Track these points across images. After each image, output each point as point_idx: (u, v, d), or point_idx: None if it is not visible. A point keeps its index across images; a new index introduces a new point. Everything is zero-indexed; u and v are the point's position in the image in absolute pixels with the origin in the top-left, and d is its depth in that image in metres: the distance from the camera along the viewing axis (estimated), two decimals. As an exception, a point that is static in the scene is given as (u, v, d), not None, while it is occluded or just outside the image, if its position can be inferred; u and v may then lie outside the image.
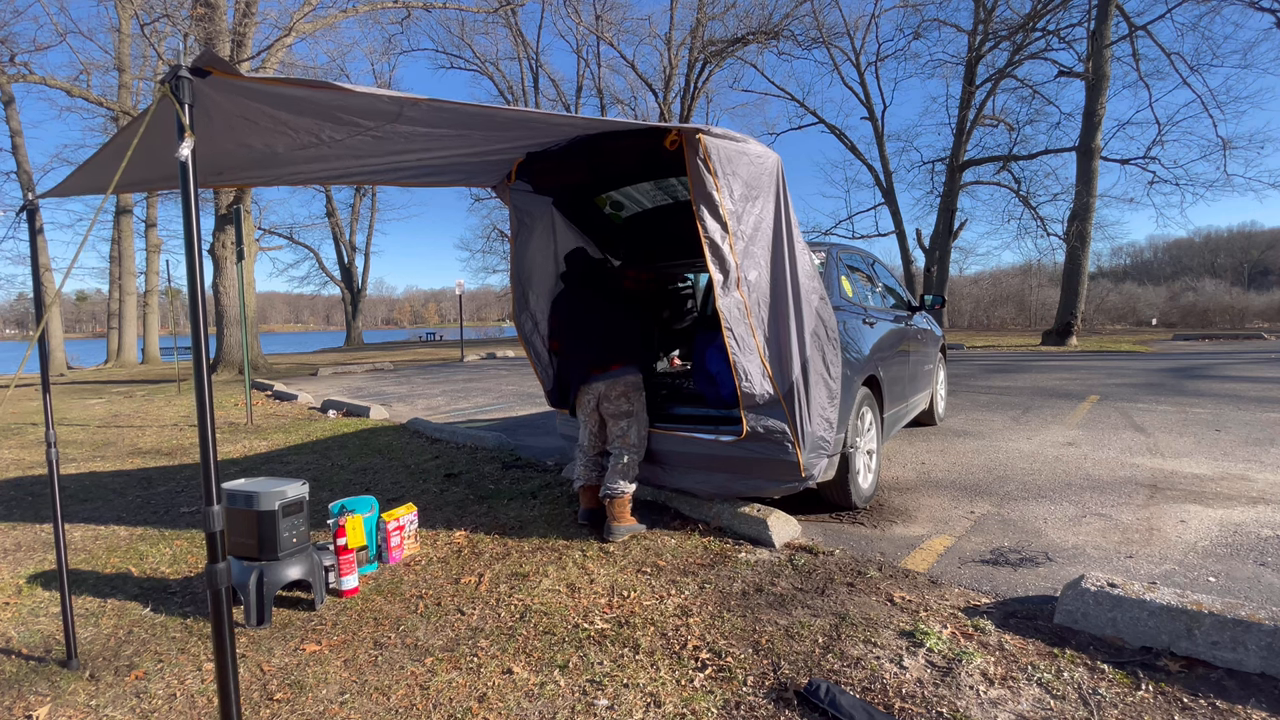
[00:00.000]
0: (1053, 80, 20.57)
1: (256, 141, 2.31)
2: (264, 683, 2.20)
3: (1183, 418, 6.35)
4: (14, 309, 60.64)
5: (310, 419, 8.03)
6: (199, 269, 1.34)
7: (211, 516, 1.36)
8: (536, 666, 2.24)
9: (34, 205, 2.34)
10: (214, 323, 14.67)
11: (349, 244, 37.07)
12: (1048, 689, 2.02)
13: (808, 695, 1.99)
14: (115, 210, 22.54)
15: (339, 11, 15.40)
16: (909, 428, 6.20)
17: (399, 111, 2.10)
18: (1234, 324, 31.13)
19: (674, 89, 25.94)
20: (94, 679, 2.28)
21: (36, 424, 8.34)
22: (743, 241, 2.94)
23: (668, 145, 2.92)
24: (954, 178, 22.38)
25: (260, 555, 2.65)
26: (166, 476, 5.26)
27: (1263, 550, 3.06)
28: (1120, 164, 20.51)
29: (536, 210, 3.87)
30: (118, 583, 3.12)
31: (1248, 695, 1.95)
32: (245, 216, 9.55)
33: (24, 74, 16.56)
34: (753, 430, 3.10)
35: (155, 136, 1.70)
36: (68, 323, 41.50)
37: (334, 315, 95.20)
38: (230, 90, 1.61)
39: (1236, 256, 52.84)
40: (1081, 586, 2.39)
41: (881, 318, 4.54)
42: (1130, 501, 3.85)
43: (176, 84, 1.29)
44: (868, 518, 3.73)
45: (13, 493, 4.90)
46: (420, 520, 3.70)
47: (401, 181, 3.37)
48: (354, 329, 37.11)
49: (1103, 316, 35.35)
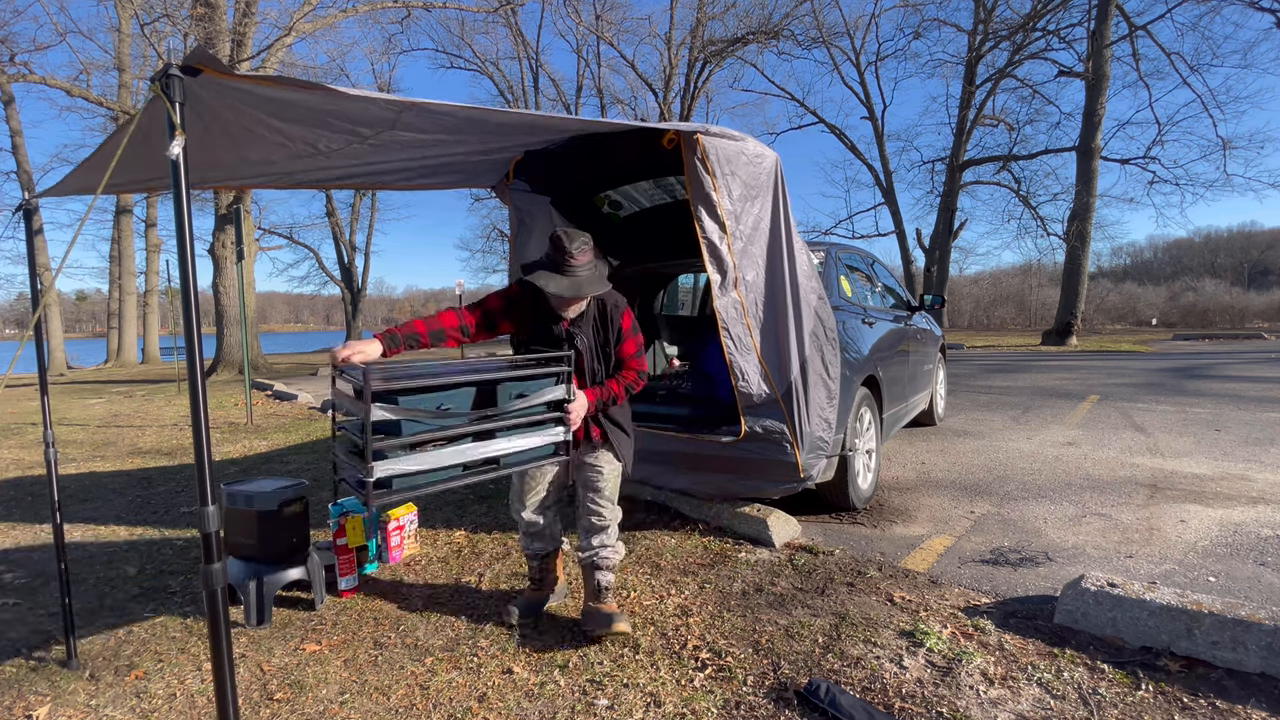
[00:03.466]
0: (1053, 80, 20.60)
1: (254, 154, 2.31)
2: (264, 682, 2.20)
3: (1183, 417, 6.35)
4: (14, 309, 60.67)
5: (310, 419, 8.03)
6: (191, 266, 1.34)
7: (206, 517, 1.35)
8: (536, 666, 2.24)
9: (32, 205, 2.34)
10: (214, 323, 14.66)
11: (349, 244, 37.05)
12: (1048, 689, 2.02)
13: (808, 695, 1.99)
14: (115, 210, 22.54)
15: (339, 11, 15.41)
16: (909, 428, 6.19)
17: (395, 117, 2.10)
18: (1234, 324, 31.14)
19: (674, 89, 25.93)
20: (94, 679, 2.28)
21: (36, 424, 8.34)
22: (741, 242, 2.93)
23: (665, 145, 2.92)
24: (954, 177, 22.37)
25: (260, 555, 2.64)
26: (166, 476, 5.26)
27: (1263, 550, 3.06)
28: (1120, 164, 20.53)
29: (536, 210, 3.87)
30: (118, 582, 3.11)
31: (1248, 695, 1.95)
32: (245, 216, 9.55)
33: (24, 74, 16.58)
34: (751, 431, 3.10)
35: (151, 136, 1.70)
36: (68, 322, 41.51)
37: (334, 315, 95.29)
38: (224, 93, 1.60)
39: (1236, 256, 52.81)
40: (1081, 586, 2.38)
41: (881, 318, 4.53)
42: (1130, 501, 3.85)
43: (167, 82, 1.29)
44: (868, 518, 3.73)
45: (13, 493, 4.90)
46: (420, 520, 3.69)
47: (400, 185, 3.37)
48: (354, 329, 37.08)
49: (1103, 316, 35.37)
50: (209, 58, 1.34)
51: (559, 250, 2.27)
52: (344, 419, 2.11)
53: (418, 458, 1.91)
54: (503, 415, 2.08)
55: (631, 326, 2.47)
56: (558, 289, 2.22)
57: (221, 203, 14.36)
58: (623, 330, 2.43)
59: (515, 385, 2.12)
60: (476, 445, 2.05)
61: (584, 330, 2.40)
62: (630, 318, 2.47)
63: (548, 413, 2.20)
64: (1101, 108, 18.09)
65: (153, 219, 24.20)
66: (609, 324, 2.42)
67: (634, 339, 2.47)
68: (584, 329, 2.40)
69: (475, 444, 2.05)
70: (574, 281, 2.25)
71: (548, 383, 2.20)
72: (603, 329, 2.42)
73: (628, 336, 2.45)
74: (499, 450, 2.08)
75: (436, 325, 2.33)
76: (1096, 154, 18.31)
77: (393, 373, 1.96)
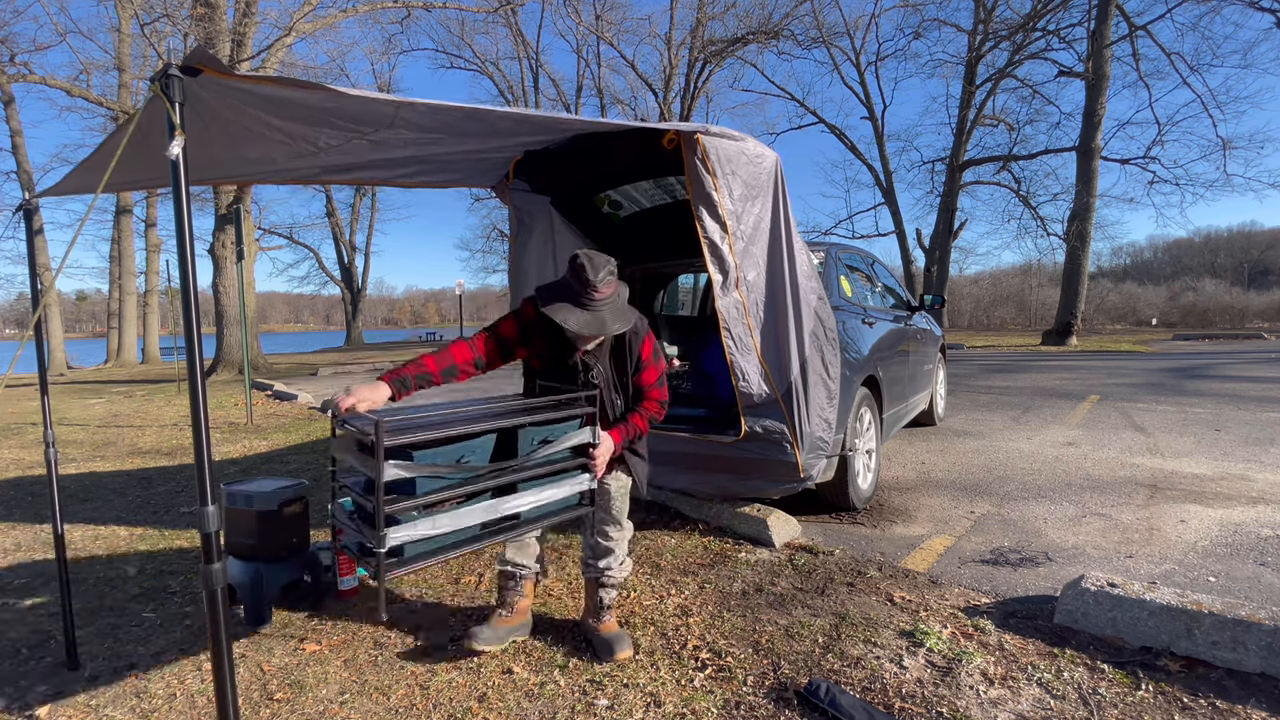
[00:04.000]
0: (1053, 80, 20.61)
1: (254, 152, 2.31)
2: (264, 683, 2.20)
3: (1183, 417, 6.35)
4: (14, 309, 60.69)
5: (310, 419, 8.03)
6: (191, 266, 1.34)
7: (206, 517, 1.35)
8: (536, 666, 2.24)
9: (32, 205, 2.34)
10: (214, 322, 14.67)
11: (349, 244, 37.10)
12: (1048, 689, 2.02)
13: (808, 695, 1.99)
14: (115, 210, 22.54)
15: (339, 11, 15.40)
16: (909, 428, 6.19)
17: (394, 115, 2.10)
18: (1234, 324, 31.14)
19: (674, 89, 25.94)
20: (94, 679, 2.28)
21: (36, 424, 8.34)
22: (742, 241, 2.93)
23: (665, 145, 2.91)
24: (954, 177, 22.38)
25: (260, 555, 2.64)
26: (166, 476, 5.26)
27: (1263, 550, 3.06)
28: (1120, 164, 20.54)
29: (535, 210, 3.87)
30: (118, 583, 3.11)
31: (1248, 695, 1.95)
32: (245, 216, 9.55)
33: (24, 74, 16.58)
34: (751, 431, 3.10)
35: (151, 135, 1.70)
36: (68, 322, 41.50)
37: (334, 315, 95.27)
38: (224, 92, 1.60)
39: (1236, 256, 52.81)
40: (1081, 586, 2.38)
41: (881, 318, 4.53)
42: (1130, 501, 3.85)
43: (167, 82, 1.29)
44: (868, 518, 3.73)
45: (13, 493, 4.90)
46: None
47: (400, 181, 3.37)
48: (354, 329, 37.15)
49: (1103, 316, 35.37)
50: (209, 58, 1.34)
51: (581, 281, 2.04)
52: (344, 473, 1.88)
53: (434, 520, 1.72)
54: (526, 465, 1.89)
55: (653, 353, 2.29)
56: (577, 326, 2.02)
57: (221, 203, 14.36)
58: (642, 359, 2.26)
59: (538, 430, 1.92)
60: (498, 501, 1.84)
61: (601, 359, 2.23)
62: (651, 344, 2.29)
63: (572, 459, 2.02)
64: (1101, 108, 18.10)
65: (153, 219, 24.20)
66: (628, 352, 2.25)
67: (655, 367, 2.29)
68: (601, 358, 2.23)
69: (497, 500, 1.84)
70: (596, 318, 2.03)
71: (572, 426, 2.01)
72: (621, 358, 2.26)
73: (648, 365, 2.28)
74: (522, 506, 1.89)
75: (448, 361, 2.11)
76: (1096, 154, 18.31)
77: (405, 423, 1.74)
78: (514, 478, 1.87)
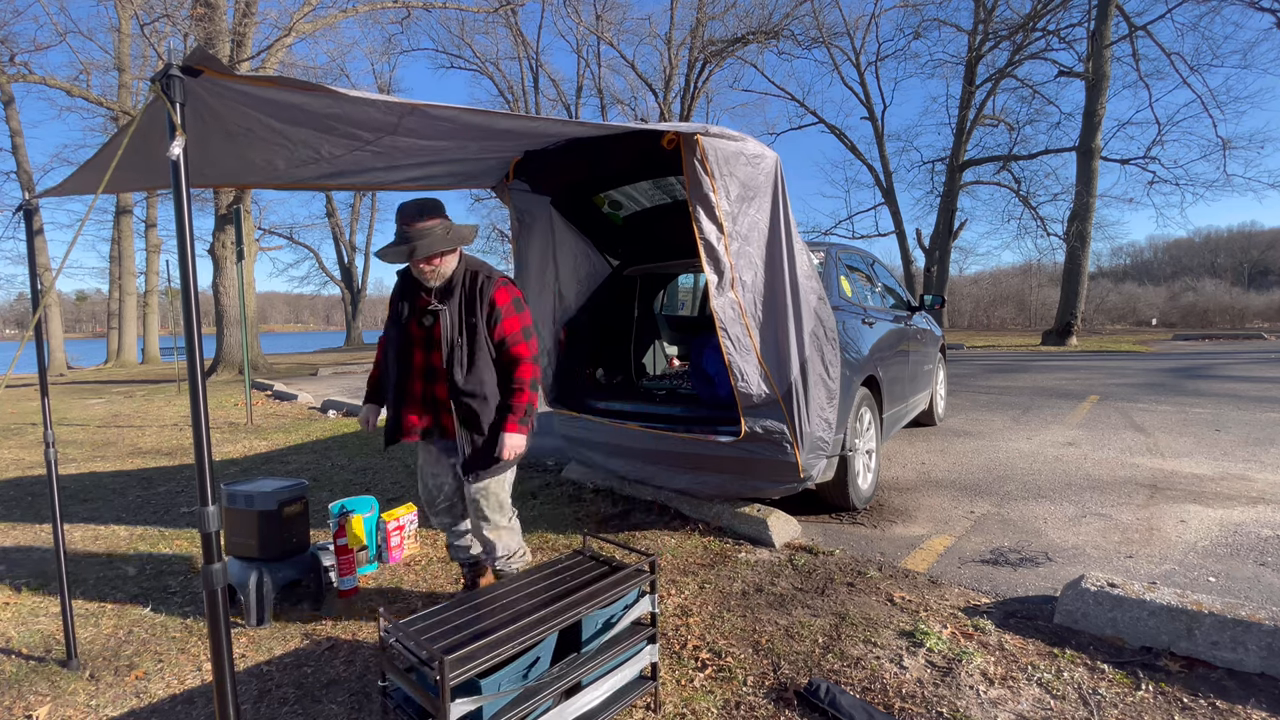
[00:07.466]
0: (1053, 80, 20.59)
1: (256, 157, 2.31)
2: (264, 682, 2.20)
3: (1183, 418, 6.34)
4: (14, 309, 60.68)
5: (310, 419, 8.03)
6: (191, 266, 1.34)
7: (206, 517, 1.35)
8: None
9: (32, 206, 2.34)
10: (214, 323, 14.66)
11: (349, 244, 37.07)
12: (1048, 689, 2.02)
13: (808, 695, 1.99)
14: (115, 210, 22.53)
15: (339, 11, 15.39)
16: (909, 428, 6.19)
17: (397, 121, 2.09)
18: (1234, 324, 31.11)
19: (674, 89, 25.93)
20: (94, 679, 2.28)
21: (36, 424, 8.34)
22: (738, 242, 2.93)
23: (665, 145, 2.91)
24: (954, 178, 22.37)
25: (260, 555, 2.64)
26: (166, 476, 5.26)
27: (1263, 550, 3.06)
28: (1120, 164, 20.50)
29: (536, 210, 3.87)
30: (118, 583, 3.11)
31: (1248, 695, 1.95)
32: (245, 216, 9.55)
33: (24, 74, 16.57)
34: (751, 431, 3.09)
35: (151, 136, 1.70)
36: (68, 323, 41.48)
37: (334, 315, 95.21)
38: (225, 94, 1.60)
39: (1236, 256, 52.77)
40: (1081, 586, 2.38)
41: (881, 318, 4.53)
42: (1130, 501, 3.85)
43: (168, 83, 1.29)
44: (868, 518, 3.73)
45: (13, 493, 4.90)
46: (420, 520, 3.69)
47: (400, 185, 3.37)
48: (354, 329, 37.11)
49: (1103, 316, 35.33)
50: (209, 58, 1.34)
51: (398, 219, 2.22)
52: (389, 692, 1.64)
53: None
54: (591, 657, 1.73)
55: (511, 304, 2.26)
56: (383, 254, 2.20)
57: (221, 203, 14.36)
58: (495, 304, 2.24)
59: (601, 613, 1.76)
60: (566, 706, 1.65)
61: (450, 308, 2.26)
62: (508, 294, 2.27)
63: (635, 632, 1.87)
64: (1101, 108, 18.08)
65: (153, 219, 24.21)
66: (479, 297, 2.24)
67: (516, 317, 2.26)
68: (450, 307, 2.26)
69: (565, 704, 1.64)
70: (405, 247, 2.17)
71: (630, 596, 1.85)
72: (471, 303, 2.26)
73: (507, 314, 2.25)
74: (591, 704, 1.71)
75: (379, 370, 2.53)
76: (1096, 154, 18.29)
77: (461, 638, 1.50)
78: (579, 675, 1.70)
